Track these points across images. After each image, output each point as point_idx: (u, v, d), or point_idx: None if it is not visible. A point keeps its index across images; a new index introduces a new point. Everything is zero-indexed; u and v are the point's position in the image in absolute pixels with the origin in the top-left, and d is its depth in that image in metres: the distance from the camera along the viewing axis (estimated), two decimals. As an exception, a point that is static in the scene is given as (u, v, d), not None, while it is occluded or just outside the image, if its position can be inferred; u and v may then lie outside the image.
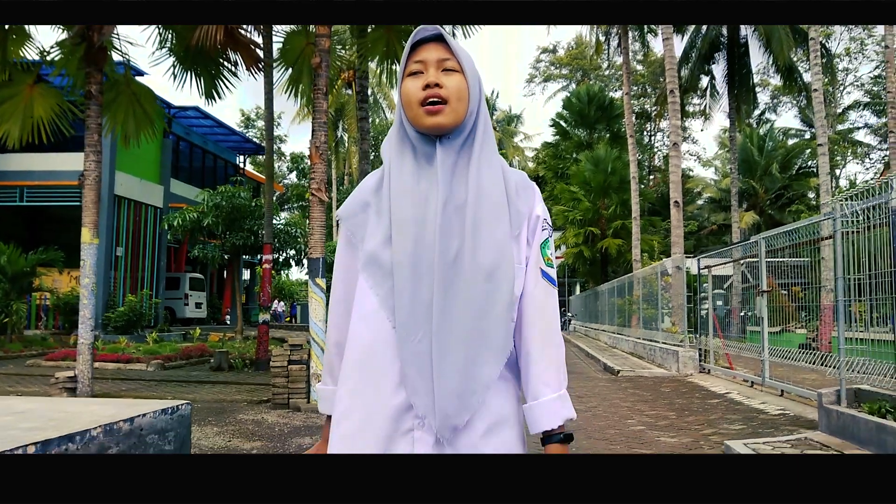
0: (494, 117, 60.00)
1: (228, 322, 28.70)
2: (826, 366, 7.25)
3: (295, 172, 54.80)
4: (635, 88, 45.81)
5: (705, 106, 29.62)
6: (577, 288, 38.62)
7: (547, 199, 39.43)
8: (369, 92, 13.37)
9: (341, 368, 1.41)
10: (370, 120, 37.46)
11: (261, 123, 53.72)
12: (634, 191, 22.93)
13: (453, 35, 11.44)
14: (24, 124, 9.50)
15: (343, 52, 21.79)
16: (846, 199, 6.73)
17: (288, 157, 55.00)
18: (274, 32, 11.22)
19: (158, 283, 23.96)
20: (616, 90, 46.03)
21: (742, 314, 13.29)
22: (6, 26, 9.16)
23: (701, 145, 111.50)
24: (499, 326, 1.31)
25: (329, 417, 1.45)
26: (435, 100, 1.33)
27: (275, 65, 11.08)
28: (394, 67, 10.42)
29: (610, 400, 9.26)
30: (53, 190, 20.61)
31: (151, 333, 16.63)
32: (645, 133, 46.56)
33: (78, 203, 20.72)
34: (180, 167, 26.29)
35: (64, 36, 10.04)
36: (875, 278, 6.30)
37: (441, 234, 1.28)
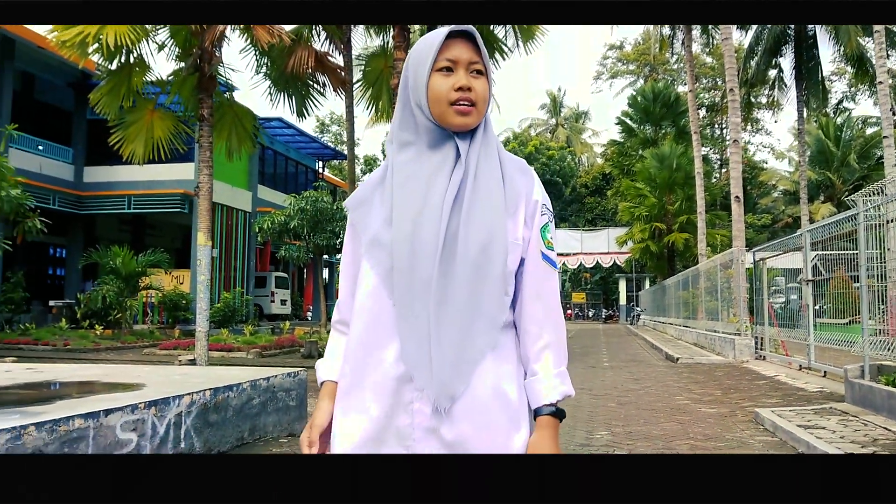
0: (562, 114, 60.42)
1: (310, 318, 30.54)
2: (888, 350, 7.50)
3: (369, 174, 56.66)
4: (705, 81, 45.52)
5: (773, 97, 29.54)
6: (647, 283, 38.85)
7: (614, 196, 39.90)
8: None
9: (346, 346, 1.47)
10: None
11: (335, 128, 55.95)
12: (699, 186, 23.33)
13: (517, 40, 12.44)
14: (147, 144, 11.02)
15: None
16: (870, 195, 7.44)
17: (361, 160, 56.92)
18: (356, 56, 12.51)
19: (248, 282, 25.88)
20: (684, 83, 45.80)
21: (817, 307, 13.52)
22: (132, 61, 10.72)
23: (775, 136, 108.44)
24: (492, 298, 1.36)
25: (323, 384, 1.52)
26: (466, 102, 1.37)
27: (356, 84, 12.37)
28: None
29: (663, 381, 10.14)
30: (156, 198, 22.66)
31: (247, 326, 18.28)
32: (715, 126, 46.11)
33: (176, 210, 22.78)
34: (266, 174, 28.27)
35: (176, 66, 11.58)
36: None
37: (444, 213, 1.34)
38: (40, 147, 21.69)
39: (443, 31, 1.40)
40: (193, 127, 11.30)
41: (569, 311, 48.29)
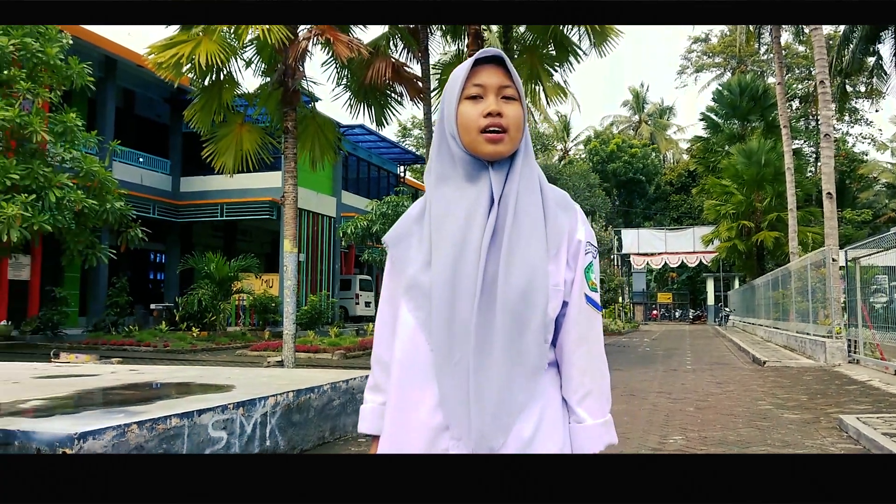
0: (646, 111, 59.18)
1: (394, 319, 31.15)
2: None
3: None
4: (797, 71, 43.65)
5: (872, 86, 28.07)
6: (736, 282, 37.60)
7: (699, 194, 38.82)
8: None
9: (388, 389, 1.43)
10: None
11: (416, 132, 56.75)
12: (790, 182, 22.46)
13: (590, 38, 12.40)
14: (236, 157, 11.63)
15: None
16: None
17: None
18: (432, 64, 12.79)
19: (334, 285, 26.70)
20: (774, 75, 44.03)
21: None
22: (222, 78, 11.34)
23: (876, 126, 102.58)
24: (532, 347, 1.31)
25: (375, 437, 1.49)
26: (496, 129, 1.32)
27: (433, 93, 12.65)
28: (536, 87, 11.66)
29: (747, 385, 9.91)
30: (246, 206, 23.71)
31: (332, 328, 18.90)
32: (810, 117, 44.13)
33: (265, 216, 23.70)
34: (349, 179, 29.10)
35: (262, 81, 12.15)
36: None
37: (484, 256, 1.29)
38: (141, 159, 23.08)
39: (472, 58, 1.38)
40: (279, 139, 11.85)
41: (654, 312, 47.29)
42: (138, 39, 47.19)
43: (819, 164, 41.25)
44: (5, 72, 11.36)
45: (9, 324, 17.72)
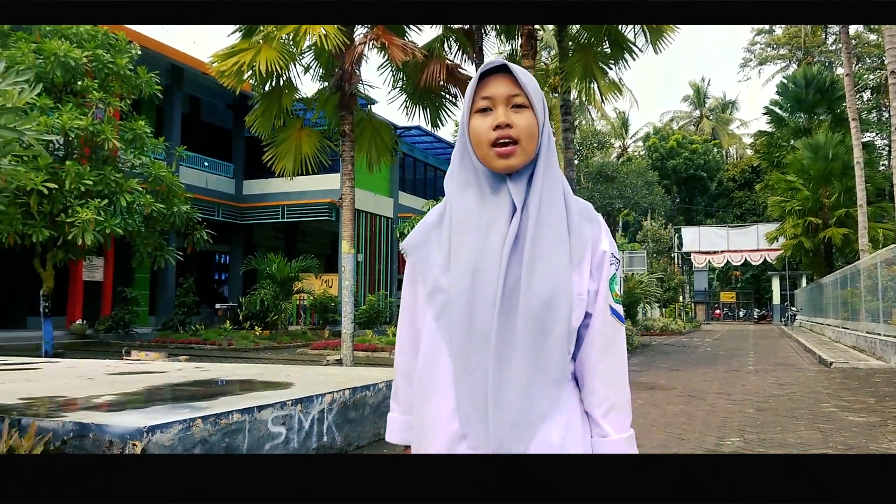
0: (707, 105, 57.86)
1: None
2: None
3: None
4: (869, 61, 41.99)
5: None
6: (803, 281, 36.40)
7: (763, 190, 37.74)
8: (573, 95, 14.43)
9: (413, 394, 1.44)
10: (576, 122, 38.27)
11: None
12: (860, 177, 21.65)
13: (640, 39, 12.19)
14: (296, 160, 11.93)
15: (547, 63, 23.14)
16: None
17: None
18: (486, 66, 12.85)
19: (391, 285, 27.02)
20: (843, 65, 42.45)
21: None
22: (281, 84, 11.65)
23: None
24: (555, 357, 1.29)
25: (406, 447, 1.50)
26: (506, 140, 1.30)
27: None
28: (592, 85, 11.59)
29: (812, 387, 9.64)
30: (306, 207, 24.22)
31: (390, 327, 19.15)
32: (882, 109, 42.38)
33: (324, 218, 24.13)
34: (406, 180, 29.40)
35: (320, 86, 12.42)
36: None
37: (505, 263, 1.28)
38: (205, 164, 23.84)
39: (479, 71, 1.36)
40: (337, 142, 12.10)
41: (717, 311, 46.21)
42: (203, 48, 48.64)
43: (891, 157, 39.62)
44: (79, 83, 11.91)
45: (84, 323, 18.58)
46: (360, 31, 11.29)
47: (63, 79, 11.58)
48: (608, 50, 12.27)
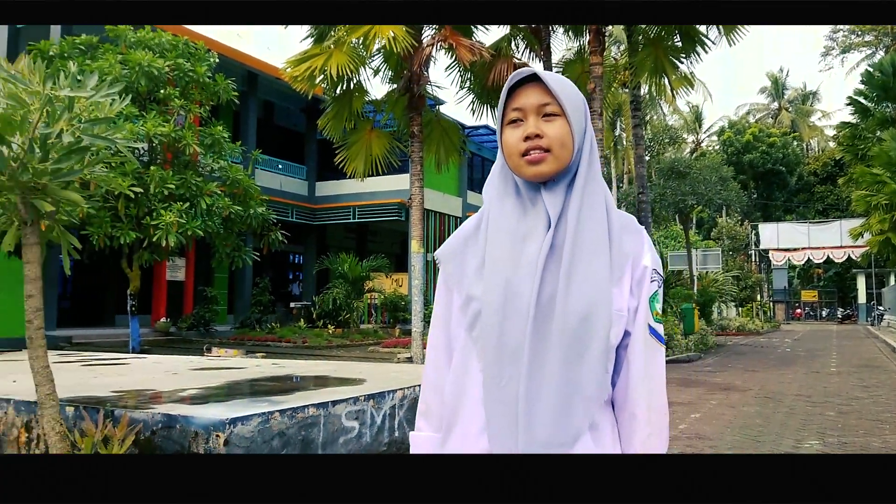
0: (786, 97, 55.78)
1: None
2: None
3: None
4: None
5: None
6: (892, 278, 34.64)
7: (847, 184, 36.09)
8: (644, 90, 14.23)
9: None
10: (647, 117, 37.57)
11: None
12: (953, 169, 20.50)
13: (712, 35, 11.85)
14: (366, 162, 12.19)
15: (616, 58, 22.82)
16: None
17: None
18: (554, 64, 12.80)
19: (460, 283, 27.15)
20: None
21: None
22: (351, 87, 11.91)
23: None
24: (592, 375, 1.23)
25: None
26: (536, 150, 1.27)
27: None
28: (663, 80, 11.39)
29: (899, 390, 9.24)
30: (376, 208, 24.62)
31: (459, 326, 19.25)
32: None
33: (394, 218, 24.44)
34: (475, 179, 29.47)
35: (389, 88, 12.62)
36: None
37: (539, 276, 1.24)
38: (279, 166, 24.52)
39: (509, 81, 1.33)
40: (406, 143, 12.29)
41: (797, 311, 44.51)
42: (276, 53, 50.00)
43: None
44: (162, 91, 12.47)
45: (167, 321, 19.40)
46: (427, 33, 11.43)
47: (147, 88, 12.14)
48: (679, 43, 12.04)
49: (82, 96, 3.43)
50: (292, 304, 23.31)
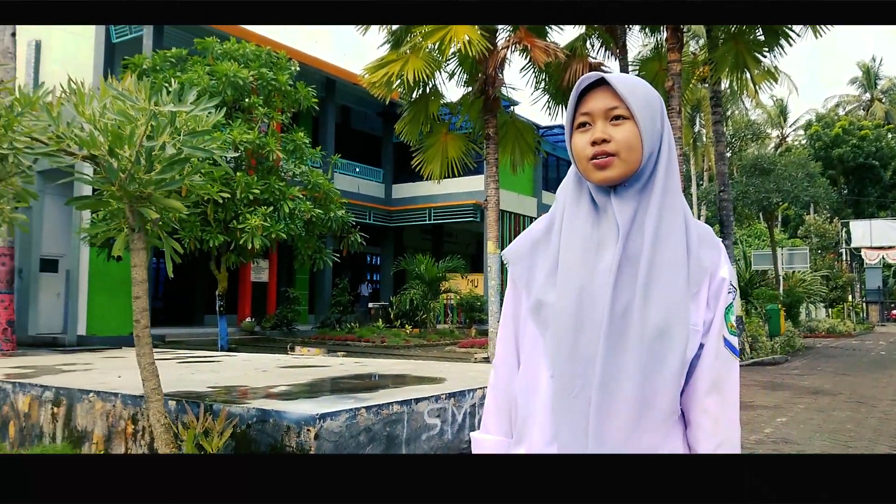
0: (879, 87, 53.02)
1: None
2: None
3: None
4: None
5: None
6: None
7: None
8: (724, 85, 13.85)
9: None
10: (728, 113, 36.44)
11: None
12: None
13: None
14: (442, 164, 12.34)
15: (695, 52, 22.27)
16: None
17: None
18: (630, 62, 12.65)
19: (536, 284, 27.06)
20: None
21: None
22: (427, 91, 12.10)
23: None
24: (666, 390, 1.21)
25: None
26: (602, 155, 1.26)
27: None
28: (745, 75, 11.09)
29: None
30: (452, 209, 24.83)
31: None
32: None
33: (469, 219, 24.56)
34: (549, 180, 29.34)
35: (464, 91, 12.74)
36: None
37: (612, 285, 1.21)
38: (357, 170, 25.04)
39: (577, 86, 1.32)
40: (481, 145, 12.38)
41: (893, 312, 42.27)
42: (353, 59, 50.99)
43: None
44: (246, 100, 12.97)
45: (252, 320, 20.12)
46: (502, 36, 11.49)
47: (232, 97, 12.66)
48: (762, 37, 11.67)
49: (183, 111, 3.67)
50: (370, 305, 23.77)
